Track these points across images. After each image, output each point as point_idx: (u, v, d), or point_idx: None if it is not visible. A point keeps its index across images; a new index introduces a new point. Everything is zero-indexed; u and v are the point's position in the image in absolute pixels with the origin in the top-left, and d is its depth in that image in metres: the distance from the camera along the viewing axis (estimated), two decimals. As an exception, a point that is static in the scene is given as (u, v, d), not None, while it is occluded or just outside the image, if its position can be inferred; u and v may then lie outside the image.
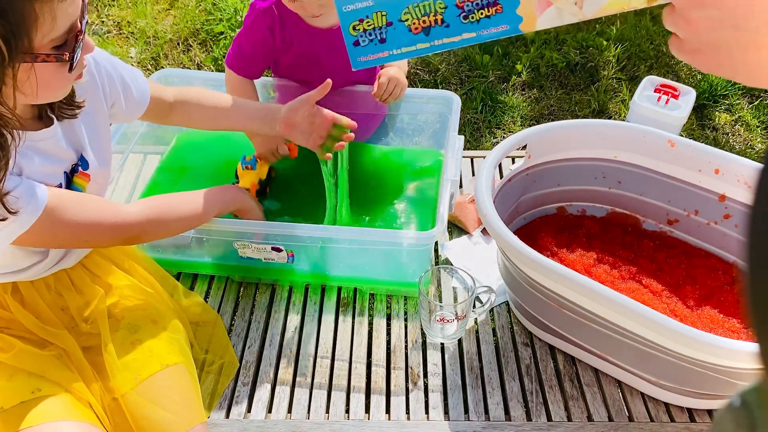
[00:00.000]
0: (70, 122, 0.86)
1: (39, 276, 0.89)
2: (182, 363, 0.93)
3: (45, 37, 0.70)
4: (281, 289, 1.16)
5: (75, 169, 0.87)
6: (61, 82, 0.76)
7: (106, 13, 2.68)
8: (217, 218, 1.03)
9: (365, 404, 0.99)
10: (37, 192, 0.77)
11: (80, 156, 0.88)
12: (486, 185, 0.98)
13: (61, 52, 0.72)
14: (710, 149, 1.04)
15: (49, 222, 0.79)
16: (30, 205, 0.76)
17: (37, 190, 0.77)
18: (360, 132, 1.43)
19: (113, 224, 0.88)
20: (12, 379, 0.83)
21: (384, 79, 1.26)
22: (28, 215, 0.76)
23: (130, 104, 0.98)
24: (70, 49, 0.73)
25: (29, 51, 0.69)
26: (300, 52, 1.27)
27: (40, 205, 0.77)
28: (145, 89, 1.01)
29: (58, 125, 0.84)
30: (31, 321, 0.89)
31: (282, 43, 1.25)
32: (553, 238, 1.11)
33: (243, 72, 1.28)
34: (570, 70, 2.42)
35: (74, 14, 0.72)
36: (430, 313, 1.03)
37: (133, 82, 0.98)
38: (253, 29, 1.24)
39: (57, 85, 0.77)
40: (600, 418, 0.97)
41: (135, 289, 0.99)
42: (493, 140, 2.16)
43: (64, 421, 0.80)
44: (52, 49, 0.72)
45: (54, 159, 0.83)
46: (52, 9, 0.69)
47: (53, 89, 0.77)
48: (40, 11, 0.68)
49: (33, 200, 0.76)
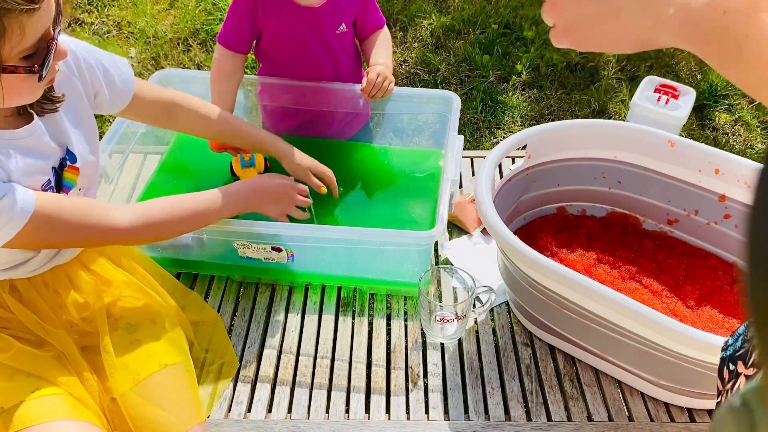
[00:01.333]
0: (51, 116, 0.85)
1: (35, 272, 0.89)
2: (181, 363, 0.93)
3: (13, 49, 0.69)
4: (281, 289, 1.16)
5: (63, 163, 0.86)
6: (30, 90, 0.75)
7: (106, 13, 2.68)
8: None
9: (365, 404, 0.99)
10: (23, 199, 0.76)
11: (66, 150, 0.87)
12: (486, 185, 0.98)
13: (31, 64, 0.71)
14: (710, 149, 1.04)
15: (37, 227, 0.78)
16: (15, 213, 0.75)
17: (24, 197, 0.76)
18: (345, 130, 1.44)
19: (104, 229, 0.86)
20: (11, 379, 0.83)
21: (373, 75, 1.26)
22: (14, 224, 0.76)
23: (114, 92, 0.97)
24: (39, 60, 0.72)
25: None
26: (279, 27, 1.27)
27: (26, 213, 0.76)
28: (129, 77, 0.99)
29: (39, 121, 0.83)
30: (30, 319, 0.89)
31: (263, 14, 1.25)
32: (553, 238, 1.11)
33: (230, 45, 1.28)
34: (570, 70, 2.42)
35: (46, 24, 0.71)
36: (430, 313, 1.03)
37: (115, 69, 0.96)
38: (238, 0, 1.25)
39: (26, 93, 0.76)
40: (600, 418, 0.97)
41: (134, 287, 0.99)
42: (493, 140, 2.16)
43: (63, 420, 0.80)
44: (21, 60, 0.71)
45: (39, 155, 0.82)
46: (21, 22, 0.67)
47: (22, 96, 0.76)
48: (8, 24, 0.66)
49: (19, 208, 0.76)
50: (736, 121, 2.25)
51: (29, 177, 0.80)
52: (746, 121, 2.24)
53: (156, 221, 0.91)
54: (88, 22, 2.62)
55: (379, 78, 1.26)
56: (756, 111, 2.28)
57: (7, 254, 0.84)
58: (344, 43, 1.33)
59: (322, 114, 1.39)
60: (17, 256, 0.85)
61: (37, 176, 0.82)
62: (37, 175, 0.82)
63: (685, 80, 2.39)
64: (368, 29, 1.36)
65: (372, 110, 1.42)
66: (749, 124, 2.23)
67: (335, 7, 1.27)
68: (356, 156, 1.37)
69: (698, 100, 2.23)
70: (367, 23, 1.35)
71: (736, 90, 2.32)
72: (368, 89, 1.26)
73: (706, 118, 2.26)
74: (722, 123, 2.24)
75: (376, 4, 1.35)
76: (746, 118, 2.25)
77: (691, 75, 2.42)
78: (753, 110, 2.28)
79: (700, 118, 2.26)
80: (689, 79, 2.40)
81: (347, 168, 1.33)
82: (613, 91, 2.34)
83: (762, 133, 2.21)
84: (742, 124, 2.24)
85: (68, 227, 0.82)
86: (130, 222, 0.88)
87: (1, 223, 0.75)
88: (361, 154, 1.37)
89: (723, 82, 2.32)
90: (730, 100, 2.30)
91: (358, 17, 1.33)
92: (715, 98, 2.30)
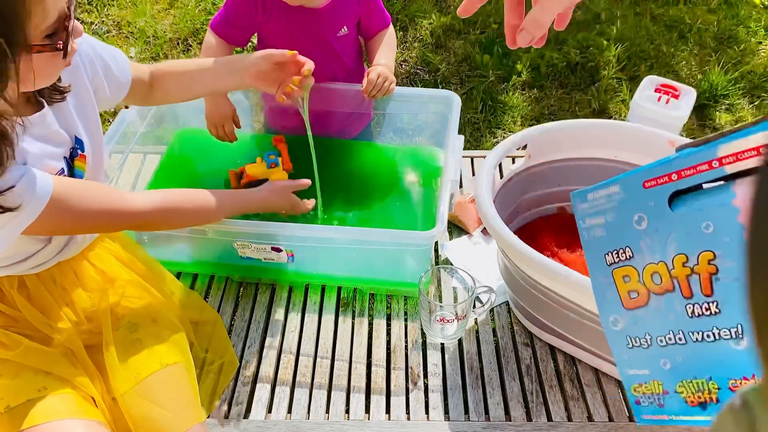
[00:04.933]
0: (59, 105, 0.86)
1: (43, 266, 0.89)
2: (182, 362, 0.93)
3: (37, 28, 0.70)
4: (281, 289, 1.16)
5: (74, 152, 0.87)
6: (55, 69, 0.77)
7: (106, 13, 2.68)
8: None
9: (365, 404, 0.99)
10: (41, 181, 0.77)
11: (75, 138, 0.87)
12: (486, 185, 0.98)
13: (54, 41, 0.73)
14: (710, 149, 1.03)
15: (55, 211, 0.78)
16: (36, 196, 0.76)
17: (42, 180, 0.77)
18: (347, 130, 1.44)
19: (121, 212, 0.87)
20: (18, 377, 0.83)
21: (373, 75, 1.26)
22: (34, 205, 0.76)
23: (113, 86, 0.98)
24: (62, 37, 0.73)
25: (26, 44, 0.69)
26: (277, 28, 1.27)
27: (45, 194, 0.77)
28: (126, 68, 0.99)
29: (49, 109, 0.83)
30: (37, 317, 0.89)
31: (263, 14, 1.25)
32: (553, 238, 1.11)
33: (224, 35, 1.28)
34: (570, 70, 2.42)
35: (62, 1, 0.73)
36: (430, 313, 1.03)
37: (113, 62, 0.97)
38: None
39: (52, 73, 0.77)
40: (600, 418, 0.97)
41: (136, 286, 0.99)
42: (493, 140, 2.16)
43: (71, 419, 0.80)
44: (45, 38, 0.72)
45: (51, 143, 0.83)
46: (43, 2, 0.69)
47: (48, 76, 0.77)
48: (30, 4, 0.68)
49: (39, 190, 0.76)
50: (736, 121, 2.25)
51: (43, 164, 0.80)
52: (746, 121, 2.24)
53: (172, 208, 0.94)
54: (88, 22, 2.62)
55: (380, 79, 1.26)
56: (756, 111, 2.28)
57: (15, 246, 0.83)
58: (345, 46, 1.33)
59: (325, 114, 1.39)
60: (25, 248, 0.85)
61: (52, 164, 0.82)
62: (51, 163, 0.82)
63: (685, 80, 2.39)
64: (373, 29, 1.36)
65: (372, 110, 1.42)
66: (749, 124, 2.23)
67: (336, 10, 1.27)
68: (356, 155, 1.37)
69: (698, 100, 2.23)
70: (372, 23, 1.35)
71: (736, 90, 2.32)
72: (368, 89, 1.26)
73: (707, 118, 2.26)
74: (722, 123, 2.24)
75: (380, 4, 1.34)
76: (746, 118, 2.25)
77: (691, 75, 2.42)
78: (753, 110, 2.28)
79: (700, 118, 2.26)
80: (689, 79, 2.40)
81: (347, 167, 1.33)
82: (613, 91, 2.34)
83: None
84: (742, 124, 2.24)
85: (86, 210, 0.83)
86: (147, 206, 0.90)
87: (20, 205, 0.74)
88: (361, 153, 1.37)
89: (723, 82, 2.32)
90: (731, 100, 2.30)
91: (362, 18, 1.32)
92: (716, 98, 2.30)
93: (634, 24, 2.57)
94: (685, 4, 2.71)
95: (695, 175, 0.60)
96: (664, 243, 0.63)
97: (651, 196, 0.63)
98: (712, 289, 0.60)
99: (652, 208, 0.63)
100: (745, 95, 2.34)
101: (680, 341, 0.64)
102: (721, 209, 0.58)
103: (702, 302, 0.61)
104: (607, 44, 2.47)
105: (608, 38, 2.50)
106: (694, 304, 0.62)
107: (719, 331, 0.60)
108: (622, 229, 0.66)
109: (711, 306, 0.60)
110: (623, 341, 0.69)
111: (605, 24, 2.58)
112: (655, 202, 0.63)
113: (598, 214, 0.68)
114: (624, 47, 2.46)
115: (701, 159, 0.59)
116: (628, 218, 0.66)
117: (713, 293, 0.60)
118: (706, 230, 0.59)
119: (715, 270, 0.59)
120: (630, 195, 0.65)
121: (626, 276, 0.67)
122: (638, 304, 0.67)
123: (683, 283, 0.62)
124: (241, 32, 1.29)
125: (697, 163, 0.59)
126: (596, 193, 0.68)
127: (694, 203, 0.61)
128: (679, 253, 0.62)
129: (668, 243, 0.63)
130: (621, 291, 0.68)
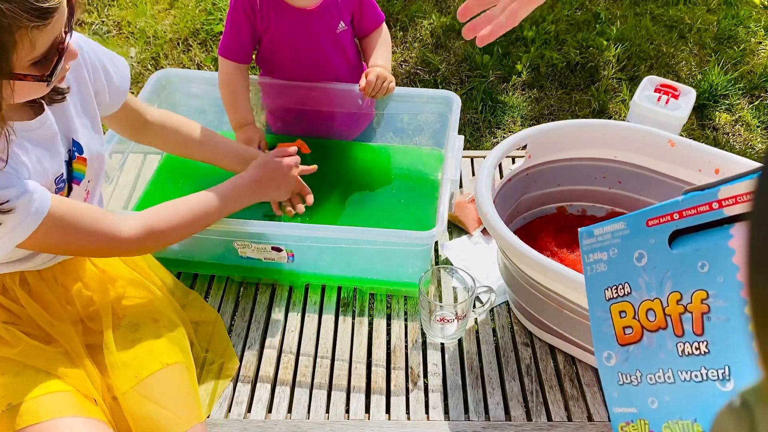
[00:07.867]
0: (59, 106, 0.85)
1: (45, 264, 0.89)
2: (182, 362, 0.93)
3: (23, 59, 0.69)
4: (281, 289, 1.16)
5: (72, 155, 0.87)
6: (40, 90, 0.76)
7: (106, 13, 2.68)
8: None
9: (365, 404, 0.99)
10: (40, 199, 0.77)
11: (72, 141, 0.87)
12: (486, 185, 0.98)
13: (41, 71, 0.72)
14: (710, 149, 1.04)
15: (47, 231, 0.78)
16: (30, 215, 0.76)
17: (41, 198, 0.77)
18: (348, 132, 1.44)
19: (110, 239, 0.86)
20: (20, 375, 0.83)
21: (372, 76, 1.26)
22: (28, 224, 0.76)
23: (113, 92, 0.97)
24: (50, 65, 0.73)
25: (8, 72, 0.69)
26: (277, 33, 1.27)
27: (40, 214, 0.76)
28: (126, 76, 0.99)
29: (49, 110, 0.83)
30: (40, 314, 0.89)
31: (262, 21, 1.25)
32: (553, 238, 1.11)
33: (233, 56, 1.28)
34: (570, 70, 2.42)
35: (57, 31, 0.72)
36: (430, 313, 1.03)
37: (113, 68, 0.97)
38: (236, 8, 1.25)
39: (34, 95, 0.77)
40: (600, 418, 0.97)
41: (137, 285, 0.99)
42: (493, 140, 2.16)
43: (72, 417, 0.80)
44: (31, 66, 0.71)
45: (51, 146, 0.83)
46: (32, 36, 0.68)
47: (32, 96, 0.77)
48: (19, 39, 0.67)
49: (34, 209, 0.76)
50: (737, 121, 2.25)
51: (44, 170, 0.80)
52: (746, 121, 2.24)
53: (161, 230, 0.92)
54: (88, 22, 2.62)
55: (379, 80, 1.26)
56: (756, 111, 2.28)
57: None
58: (344, 42, 1.33)
59: (326, 115, 1.39)
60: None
61: (52, 168, 0.82)
62: (51, 167, 0.82)
63: (685, 80, 2.39)
64: (366, 26, 1.36)
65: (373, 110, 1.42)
66: (749, 124, 2.23)
67: (331, 6, 1.27)
68: (356, 156, 1.37)
69: (698, 100, 2.23)
70: (365, 20, 1.34)
71: (736, 90, 2.32)
72: (368, 90, 1.26)
73: (706, 118, 2.26)
74: (722, 123, 2.24)
75: (372, 0, 1.34)
76: (746, 118, 2.25)
77: (691, 75, 2.42)
78: (753, 110, 2.28)
79: (700, 118, 2.26)
80: (689, 79, 2.40)
81: (347, 168, 1.33)
82: (613, 91, 2.34)
83: (762, 133, 2.21)
84: (742, 124, 2.24)
85: (77, 233, 0.82)
86: (136, 234, 0.89)
87: (16, 222, 0.75)
88: (361, 153, 1.37)
89: (723, 82, 2.32)
90: (730, 100, 2.30)
91: (355, 14, 1.33)
92: (715, 98, 2.30)
93: (634, 24, 2.57)
94: (685, 4, 2.71)
95: (696, 216, 0.61)
96: (661, 280, 0.64)
97: (653, 234, 0.65)
98: (703, 328, 0.61)
99: (652, 245, 0.64)
100: (745, 95, 2.34)
101: (669, 380, 0.64)
102: (718, 250, 0.59)
103: (692, 341, 0.62)
104: (606, 44, 2.47)
105: (608, 38, 2.50)
106: (684, 342, 0.62)
107: (707, 372, 0.61)
108: (623, 264, 0.67)
109: (701, 345, 0.61)
110: (615, 377, 0.70)
111: (605, 24, 2.58)
112: (656, 239, 0.64)
113: (603, 250, 0.69)
114: (624, 47, 2.46)
115: (703, 200, 0.60)
116: (629, 254, 0.67)
117: (704, 332, 0.61)
118: (701, 269, 0.60)
119: (707, 309, 0.60)
120: (633, 232, 0.66)
121: (623, 311, 0.68)
122: (632, 340, 0.67)
123: (676, 321, 0.63)
124: (245, 45, 1.29)
125: (698, 204, 0.61)
126: (603, 228, 0.69)
127: (693, 243, 0.62)
128: (673, 291, 0.63)
129: (665, 280, 0.64)
130: (617, 326, 0.69)
